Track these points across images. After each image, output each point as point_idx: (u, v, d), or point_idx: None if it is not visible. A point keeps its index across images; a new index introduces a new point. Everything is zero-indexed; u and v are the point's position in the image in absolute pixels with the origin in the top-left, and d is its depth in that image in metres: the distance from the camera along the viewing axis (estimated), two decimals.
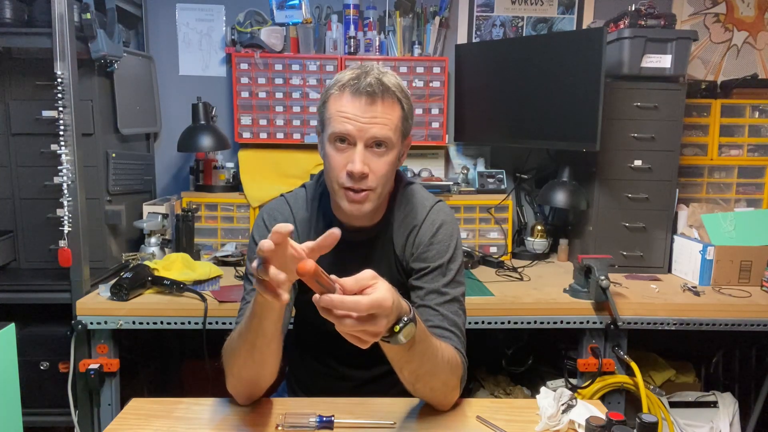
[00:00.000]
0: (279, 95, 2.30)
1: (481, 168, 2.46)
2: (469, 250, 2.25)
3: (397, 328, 0.86)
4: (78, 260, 1.75)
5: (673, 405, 1.99)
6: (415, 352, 0.94)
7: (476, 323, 1.74)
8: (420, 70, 2.32)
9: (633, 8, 2.07)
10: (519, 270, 2.13)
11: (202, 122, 2.23)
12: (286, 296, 0.81)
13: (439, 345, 1.01)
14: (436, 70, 2.32)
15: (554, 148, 2.34)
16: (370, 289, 0.80)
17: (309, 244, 0.81)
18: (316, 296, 0.78)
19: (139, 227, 2.11)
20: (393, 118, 1.07)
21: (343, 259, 1.05)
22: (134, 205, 2.17)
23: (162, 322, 1.70)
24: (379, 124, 1.05)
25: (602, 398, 1.79)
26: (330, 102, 1.08)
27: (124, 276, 1.71)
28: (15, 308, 1.79)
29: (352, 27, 2.34)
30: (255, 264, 0.78)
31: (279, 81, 2.29)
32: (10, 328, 1.28)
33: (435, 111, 2.35)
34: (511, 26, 2.51)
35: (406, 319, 0.87)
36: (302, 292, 1.21)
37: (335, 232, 0.79)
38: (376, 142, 1.06)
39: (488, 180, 2.37)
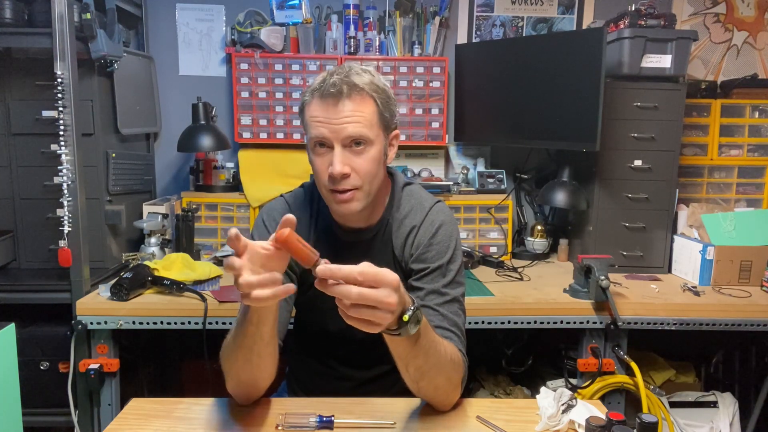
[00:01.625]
0: (279, 95, 2.30)
1: (481, 168, 2.46)
2: (469, 250, 2.25)
3: (406, 317, 0.86)
4: (78, 260, 1.75)
5: (673, 405, 1.99)
6: (421, 345, 0.94)
7: (476, 323, 1.74)
8: (420, 70, 2.32)
9: (633, 8, 2.07)
10: (519, 270, 2.13)
11: (202, 122, 2.23)
12: (278, 291, 0.82)
13: (441, 341, 1.01)
14: (436, 70, 2.32)
15: (554, 148, 2.34)
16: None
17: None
18: (320, 268, 0.78)
19: (139, 227, 2.11)
20: (365, 113, 1.07)
21: (341, 260, 1.05)
22: (134, 205, 2.17)
23: (162, 322, 1.70)
24: (352, 123, 1.05)
25: (602, 398, 1.79)
26: (305, 109, 1.09)
27: (124, 276, 1.71)
28: (15, 308, 1.79)
29: (352, 27, 2.33)
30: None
31: (279, 81, 2.29)
32: (10, 328, 1.28)
33: (435, 111, 2.35)
34: (511, 26, 2.51)
35: (413, 307, 0.88)
36: (302, 292, 1.21)
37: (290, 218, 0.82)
38: (353, 140, 1.06)
39: (488, 180, 2.37)
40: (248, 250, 0.83)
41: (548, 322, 1.77)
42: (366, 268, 0.79)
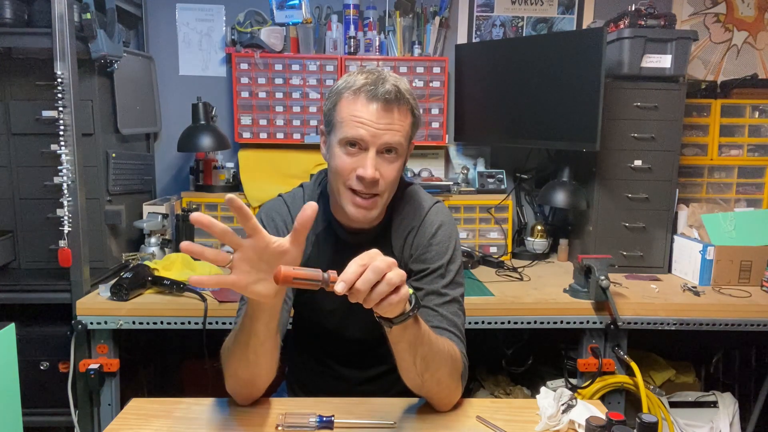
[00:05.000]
0: (279, 95, 2.30)
1: (481, 168, 2.46)
2: (469, 250, 2.25)
3: (410, 291, 0.88)
4: (78, 260, 1.75)
5: (673, 405, 1.99)
6: (424, 331, 0.95)
7: (476, 323, 1.74)
8: (420, 70, 2.32)
9: (633, 8, 2.07)
10: (519, 270, 2.13)
11: (202, 122, 2.23)
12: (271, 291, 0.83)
13: (438, 336, 1.02)
14: (436, 70, 2.32)
15: (554, 148, 2.34)
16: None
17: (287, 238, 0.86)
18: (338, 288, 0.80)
19: (139, 227, 2.11)
20: (405, 125, 1.08)
21: (342, 261, 1.05)
22: (134, 205, 2.17)
23: (162, 322, 1.70)
24: (393, 131, 1.05)
25: (602, 398, 1.79)
26: (342, 105, 1.07)
27: (124, 276, 1.71)
28: (15, 308, 1.79)
29: (352, 27, 2.33)
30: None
31: (279, 81, 2.29)
32: (10, 328, 1.28)
33: (435, 111, 2.35)
34: (511, 26, 2.51)
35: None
36: (301, 292, 1.21)
37: (312, 206, 0.83)
38: (387, 148, 1.06)
39: (488, 180, 2.37)
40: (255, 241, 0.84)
41: (548, 322, 1.77)
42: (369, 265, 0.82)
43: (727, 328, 1.81)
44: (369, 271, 0.81)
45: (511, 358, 2.20)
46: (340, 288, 0.79)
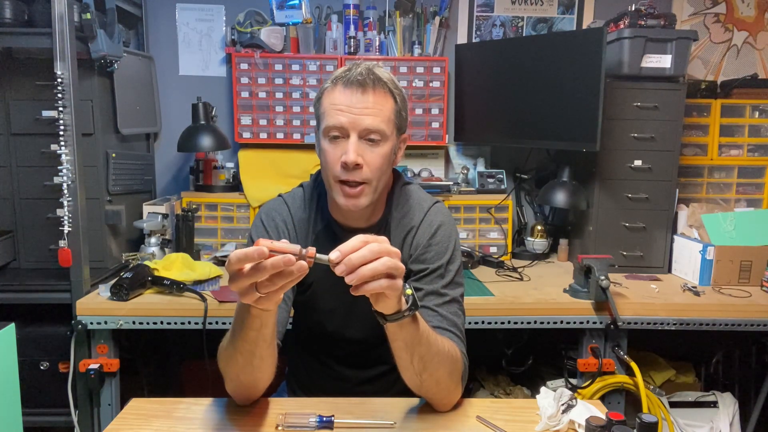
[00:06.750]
0: (279, 95, 2.30)
1: (481, 168, 2.46)
2: (469, 250, 2.25)
3: (409, 291, 0.90)
4: (78, 260, 1.75)
5: (673, 405, 1.99)
6: (422, 331, 0.95)
7: (476, 323, 1.74)
8: (420, 70, 2.32)
9: (633, 8, 2.07)
10: (519, 270, 2.13)
11: (202, 122, 2.23)
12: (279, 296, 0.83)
13: (438, 335, 1.02)
14: (436, 70, 2.32)
15: (554, 148, 2.34)
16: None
17: None
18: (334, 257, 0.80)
19: (139, 227, 2.11)
20: (385, 109, 1.08)
21: None
22: (134, 205, 2.17)
23: (162, 322, 1.70)
24: (372, 115, 1.06)
25: (602, 398, 1.79)
26: (324, 97, 1.09)
27: (124, 276, 1.71)
28: (15, 308, 1.79)
29: (352, 27, 2.33)
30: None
31: (279, 81, 2.29)
32: (10, 328, 1.28)
33: (435, 111, 2.35)
34: (511, 26, 2.51)
35: (406, 285, 0.91)
36: (300, 292, 1.21)
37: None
38: (369, 133, 1.06)
39: (488, 180, 2.37)
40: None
41: (548, 322, 1.77)
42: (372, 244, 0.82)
43: (727, 328, 1.81)
44: (365, 249, 0.81)
45: (511, 358, 2.20)
46: (334, 256, 0.80)
